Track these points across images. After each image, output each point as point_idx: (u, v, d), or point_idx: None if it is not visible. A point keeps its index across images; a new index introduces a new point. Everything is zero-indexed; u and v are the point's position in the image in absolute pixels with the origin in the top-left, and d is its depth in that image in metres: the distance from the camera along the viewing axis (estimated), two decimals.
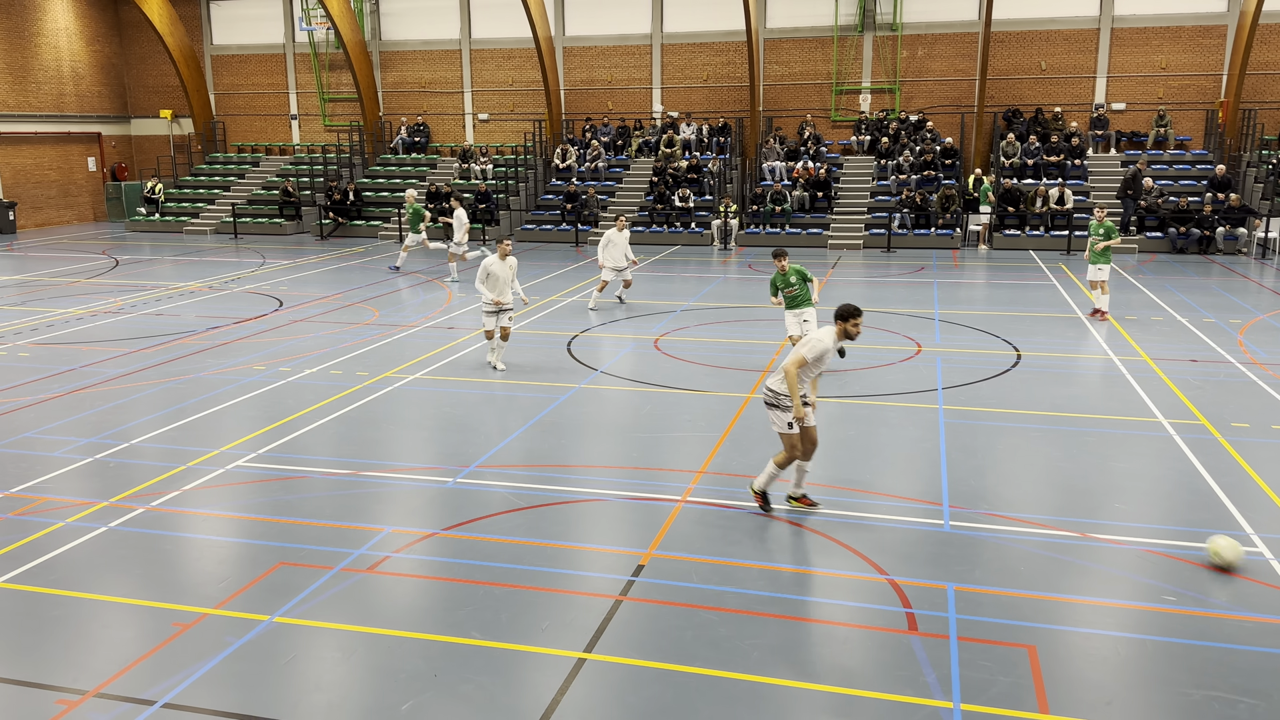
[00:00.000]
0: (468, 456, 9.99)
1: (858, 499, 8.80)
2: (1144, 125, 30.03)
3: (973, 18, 30.63)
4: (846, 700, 5.75)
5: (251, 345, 15.33)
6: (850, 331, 7.87)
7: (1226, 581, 7.11)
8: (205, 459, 9.93)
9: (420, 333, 16.19)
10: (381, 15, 35.71)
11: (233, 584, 7.19)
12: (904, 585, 7.12)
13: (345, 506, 8.69)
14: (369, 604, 6.92)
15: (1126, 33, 29.80)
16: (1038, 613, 6.67)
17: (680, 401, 12.04)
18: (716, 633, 6.44)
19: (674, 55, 33.32)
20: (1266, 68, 28.85)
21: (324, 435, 10.77)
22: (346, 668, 6.12)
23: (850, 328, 7.86)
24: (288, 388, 12.73)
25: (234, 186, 35.20)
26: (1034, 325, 16.47)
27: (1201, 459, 9.71)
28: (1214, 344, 14.83)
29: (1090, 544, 7.81)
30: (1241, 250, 25.43)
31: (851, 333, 7.87)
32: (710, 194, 30.06)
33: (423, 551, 7.77)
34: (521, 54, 34.40)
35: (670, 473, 9.57)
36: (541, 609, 6.78)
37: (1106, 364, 13.71)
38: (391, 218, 31.34)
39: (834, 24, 31.69)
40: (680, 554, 7.64)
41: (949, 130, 31.01)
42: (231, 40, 37.55)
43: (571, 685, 5.87)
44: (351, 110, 36.44)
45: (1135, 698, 5.72)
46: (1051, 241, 26.46)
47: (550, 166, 33.32)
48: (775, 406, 8.04)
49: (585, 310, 18.13)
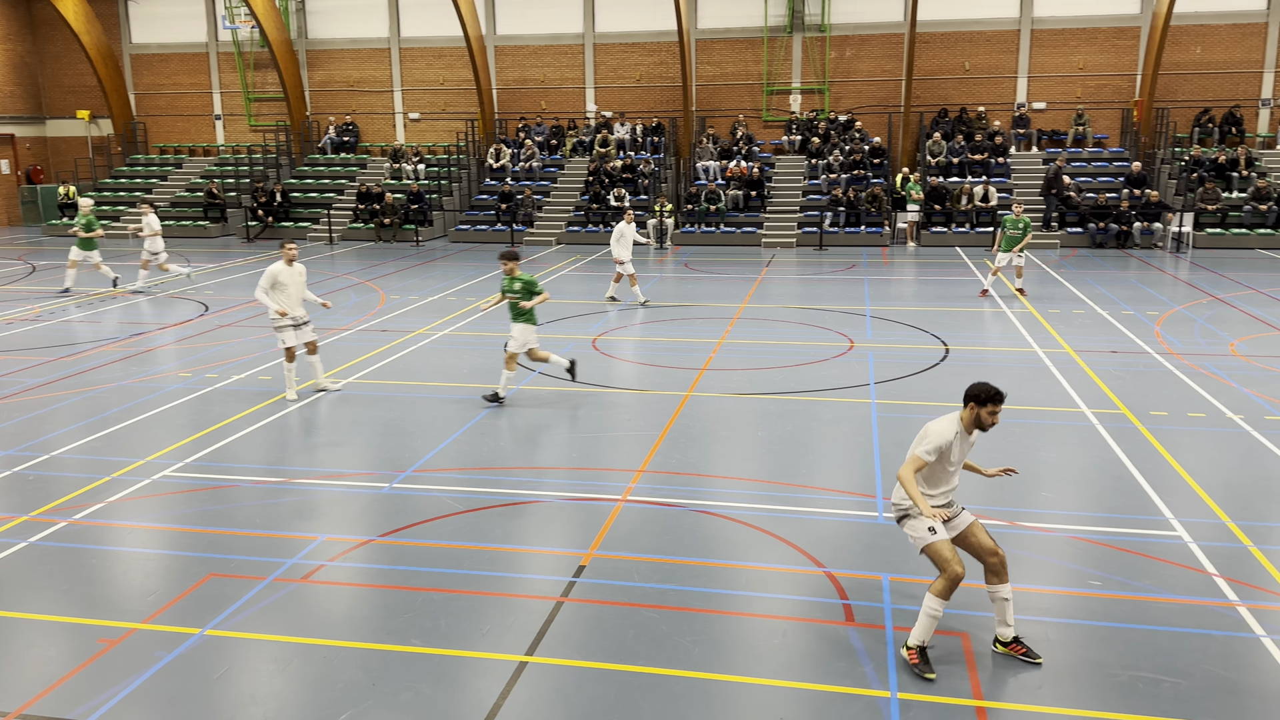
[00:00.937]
0: (404, 461, 9.87)
1: (794, 493, 8.91)
2: (1063, 124, 30.89)
3: (898, 19, 31.18)
4: (786, 693, 5.82)
5: (176, 352, 14.95)
6: (984, 420, 5.96)
7: (1149, 566, 7.36)
8: (130, 470, 9.66)
9: (353, 336, 15.94)
10: (308, 13, 35.08)
11: (161, 597, 7.01)
12: (840, 577, 7.22)
13: (277, 515, 8.53)
14: (304, 614, 6.80)
15: (1046, 34, 30.62)
16: (970, 601, 6.82)
17: (619, 401, 12.05)
18: (658, 630, 6.47)
19: (606, 55, 33.33)
20: (1178, 68, 29.89)
21: (254, 443, 10.55)
22: (282, 679, 6.00)
23: (986, 415, 5.95)
24: (215, 394, 12.44)
25: (156, 189, 34.26)
26: (961, 320, 16.84)
27: (1123, 447, 10.03)
28: (1133, 335, 15.32)
29: (1019, 532, 8.01)
30: (1157, 244, 26.31)
31: (985, 422, 5.96)
32: (645, 193, 30.13)
33: (359, 559, 7.66)
34: (452, 53, 34.09)
35: (610, 472, 9.58)
36: (482, 613, 6.74)
37: (1031, 356, 14.08)
38: (321, 219, 30.82)
39: (764, 25, 32.00)
40: (621, 553, 7.65)
41: (877, 130, 31.52)
42: (151, 39, 36.53)
43: (513, 689, 5.84)
44: (278, 110, 35.73)
45: (1065, 681, 5.89)
46: (977, 238, 27.07)
47: (484, 166, 33.08)
48: (906, 518, 6.13)
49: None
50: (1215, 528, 8.00)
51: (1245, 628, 6.43)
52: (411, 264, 24.76)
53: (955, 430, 5.97)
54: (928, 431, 6.00)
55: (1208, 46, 29.82)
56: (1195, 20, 29.46)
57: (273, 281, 11.90)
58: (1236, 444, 10.07)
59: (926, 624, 5.91)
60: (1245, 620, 6.52)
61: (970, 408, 5.97)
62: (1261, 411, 11.14)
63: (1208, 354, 14.05)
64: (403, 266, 24.24)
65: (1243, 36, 29.57)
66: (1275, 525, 8.10)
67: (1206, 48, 29.83)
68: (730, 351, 14.71)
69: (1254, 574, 7.19)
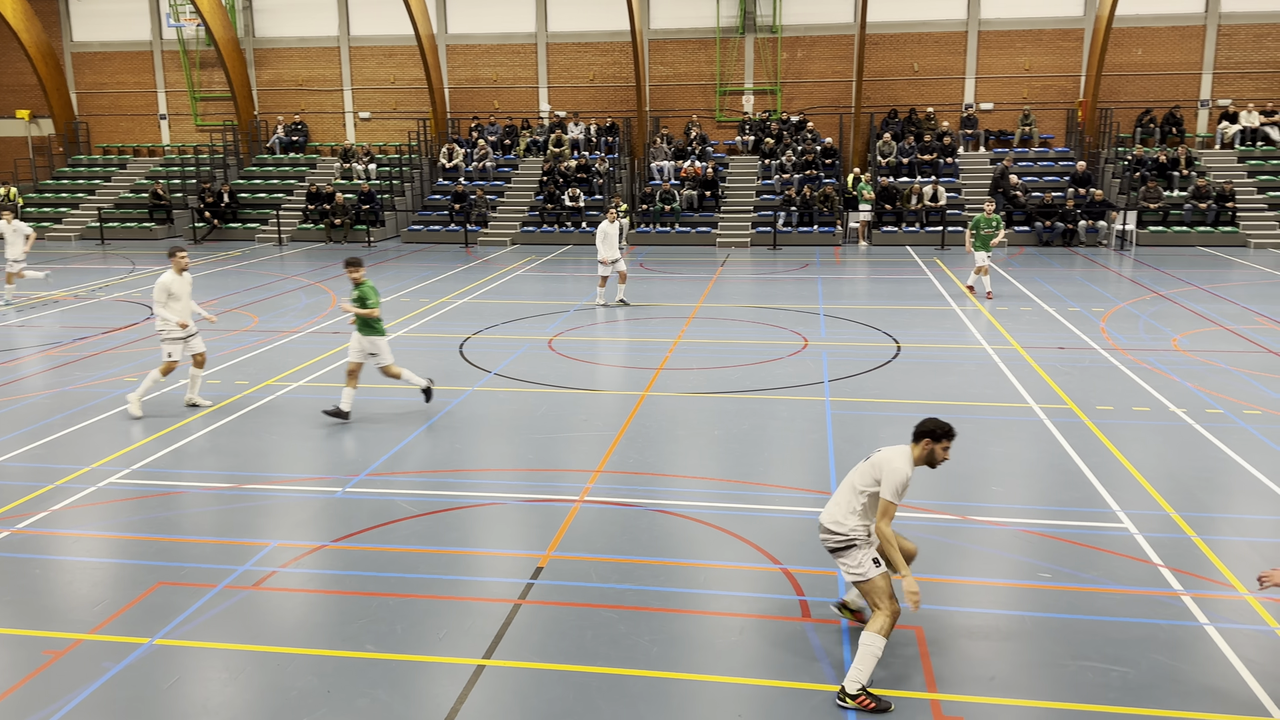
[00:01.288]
0: (357, 465, 9.76)
1: (751, 491, 8.96)
2: (1010, 124, 31.42)
3: (849, 20, 31.49)
4: (744, 690, 5.85)
5: (122, 356, 14.64)
6: (937, 457, 5.84)
7: (1096, 558, 7.51)
8: (75, 477, 9.44)
9: (303, 338, 15.73)
10: (255, 11, 34.55)
11: (109, 607, 6.86)
12: (797, 574, 7.28)
13: (227, 521, 8.39)
14: (256, 621, 6.69)
15: (992, 35, 31.12)
16: (923, 594, 6.91)
17: (576, 401, 12.03)
18: (616, 630, 6.47)
19: (560, 54, 33.25)
20: (1121, 69, 30.55)
21: (202, 448, 10.37)
22: (234, 689, 5.91)
23: (940, 451, 5.82)
24: (162, 399, 12.21)
25: (100, 190, 33.52)
26: (912, 318, 17.05)
27: (1070, 441, 10.23)
28: (1079, 332, 15.63)
29: (970, 526, 8.13)
30: (1102, 242, 26.87)
31: (938, 458, 5.84)
32: (600, 193, 30.11)
33: (312, 565, 7.56)
34: (403, 51, 33.78)
35: (567, 473, 9.56)
36: (438, 617, 6.69)
37: (980, 353, 14.30)
38: (270, 219, 30.36)
39: (716, 26, 32.13)
40: (579, 554, 7.64)
41: (829, 130, 31.81)
42: (94, 37, 35.73)
43: (471, 693, 5.81)
44: (225, 109, 35.14)
45: (1016, 671, 5.99)
46: (926, 237, 27.43)
47: (436, 166, 32.83)
48: (850, 548, 5.85)
49: (478, 312, 17.92)
50: (1160, 519, 8.19)
51: (1189, 616, 6.59)
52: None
53: (911, 468, 5.78)
54: (889, 469, 5.72)
55: (1149, 48, 30.52)
56: (1136, 23, 30.13)
57: (168, 293, 11.33)
58: (1179, 437, 10.32)
59: (870, 663, 5.61)
60: (1189, 609, 6.69)
61: (925, 443, 5.80)
62: (1203, 405, 11.43)
63: (1151, 349, 14.38)
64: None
65: (1182, 39, 30.31)
66: (1217, 516, 8.31)
67: (1148, 50, 30.53)
68: (686, 351, 14.75)
69: (1197, 564, 7.37)
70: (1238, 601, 6.77)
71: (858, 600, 6.16)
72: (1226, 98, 30.38)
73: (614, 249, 18.19)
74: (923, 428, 5.84)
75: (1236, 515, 8.39)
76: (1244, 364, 13.34)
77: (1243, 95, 30.27)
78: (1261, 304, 17.79)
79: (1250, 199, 27.56)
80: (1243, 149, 29.31)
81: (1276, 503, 8.57)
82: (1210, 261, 23.64)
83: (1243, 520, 8.27)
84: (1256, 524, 8.18)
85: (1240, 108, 29.92)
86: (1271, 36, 29.88)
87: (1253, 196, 27.65)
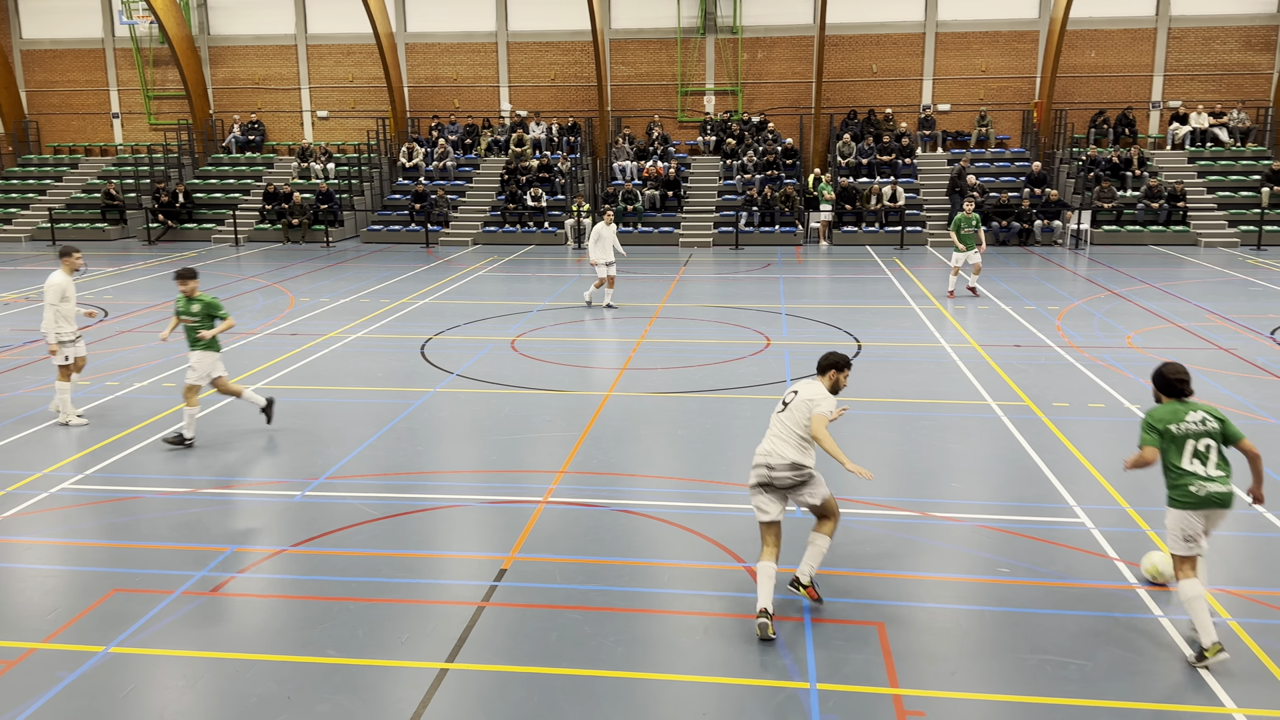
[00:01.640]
0: (317, 468, 9.65)
1: (714, 490, 8.98)
2: (967, 125, 31.80)
3: (808, 21, 31.69)
4: (708, 688, 5.86)
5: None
6: (841, 384, 6.84)
7: (1054, 552, 7.62)
8: (26, 483, 9.24)
9: (261, 340, 15.53)
10: (210, 9, 34.04)
11: (62, 615, 6.72)
12: None
13: (184, 527, 8.25)
14: (214, 628, 6.59)
15: (950, 37, 31.48)
16: (885, 591, 6.98)
17: (539, 402, 11.99)
18: (581, 632, 6.45)
19: (520, 54, 33.12)
20: (1075, 71, 31.05)
21: (158, 452, 10.19)
22: (192, 696, 5.81)
23: (844, 379, 6.85)
24: (116, 403, 11.99)
25: (50, 190, 32.84)
26: (872, 316, 17.20)
27: (1027, 438, 10.37)
28: (1035, 330, 15.86)
29: (930, 522, 8.22)
30: (1057, 241, 27.29)
31: (841, 385, 6.84)
32: (562, 193, 30.05)
33: (271, 570, 7.47)
34: (362, 50, 33.47)
35: (531, 474, 9.52)
36: (401, 621, 6.63)
37: (939, 351, 14.46)
38: (226, 220, 29.94)
39: (677, 26, 32.19)
40: (543, 555, 7.61)
41: (789, 131, 32.00)
42: (44, 34, 35.00)
43: (434, 697, 5.76)
44: (179, 108, 34.59)
45: (976, 666, 6.06)
46: (886, 237, 27.68)
47: (396, 166, 32.56)
48: (804, 484, 6.60)
49: (440, 313, 17.80)
50: (1115, 514, 8.33)
51: (1145, 609, 6.71)
52: (322, 265, 24.24)
53: (825, 392, 6.77)
54: (818, 399, 6.65)
55: (1102, 51, 31.05)
56: (1090, 25, 30.65)
57: (62, 294, 10.87)
58: (1134, 433, 10.44)
59: (819, 559, 6.74)
60: (1144, 602, 6.81)
61: (831, 374, 6.84)
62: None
63: (1106, 346, 14.62)
64: (313, 268, 23.72)
65: (1134, 41, 30.88)
66: None
67: (1101, 52, 31.06)
68: (650, 351, 14.76)
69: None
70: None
71: (810, 572, 6.74)
72: (1177, 99, 31.00)
73: (608, 251, 17.84)
74: (828, 361, 6.91)
75: None
76: (1195, 360, 13.61)
77: (1192, 97, 30.91)
78: (1212, 301, 18.17)
79: (1200, 199, 28.15)
80: (1193, 150, 29.92)
81: None
82: (1162, 260, 24.11)
83: None
84: None
85: (1190, 109, 30.54)
86: (1219, 39, 30.54)
87: (1203, 196, 28.24)
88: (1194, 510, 6.07)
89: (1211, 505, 6.06)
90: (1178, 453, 6.12)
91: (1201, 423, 6.12)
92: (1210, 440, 6.12)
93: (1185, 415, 6.14)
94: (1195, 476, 6.08)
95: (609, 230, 17.94)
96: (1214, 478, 6.07)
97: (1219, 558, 7.42)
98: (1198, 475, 6.08)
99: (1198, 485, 6.06)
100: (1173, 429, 6.12)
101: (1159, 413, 6.22)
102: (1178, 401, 6.25)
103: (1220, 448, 6.15)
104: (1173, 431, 6.12)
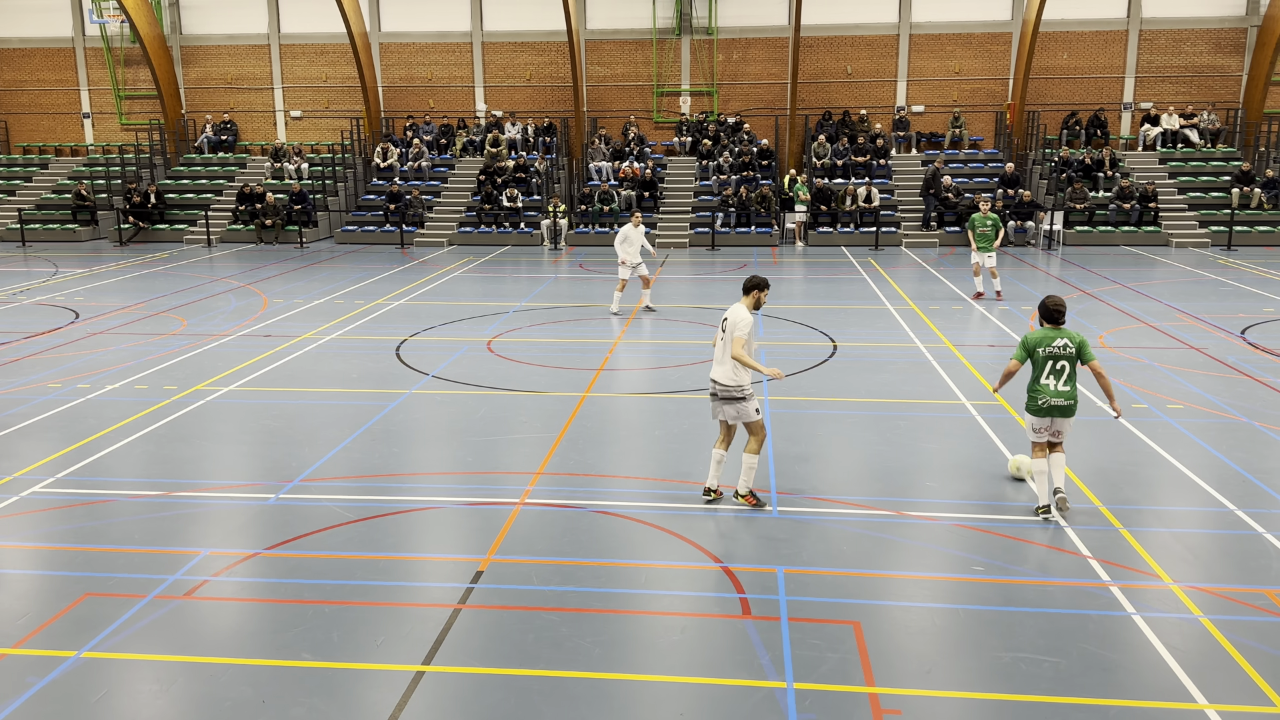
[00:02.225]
0: (291, 471, 9.58)
1: (691, 491, 8.98)
2: (941, 126, 32.04)
3: (783, 22, 31.81)
4: (686, 689, 5.87)
5: (45, 361, 14.17)
6: (762, 302, 8.25)
7: (1028, 550, 7.69)
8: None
9: (234, 342, 15.40)
10: (182, 8, 33.73)
11: (33, 619, 6.63)
12: (737, 571, 7.33)
13: (157, 530, 8.17)
14: (187, 632, 6.53)
15: (923, 39, 31.69)
16: (861, 590, 7.01)
17: (515, 403, 11.96)
18: (558, 633, 6.44)
19: (496, 54, 33.04)
20: (1047, 72, 31.34)
21: (130, 455, 10.08)
22: (166, 700, 5.75)
23: (764, 297, 8.26)
24: (87, 405, 11.85)
25: (20, 190, 32.43)
26: (848, 317, 17.28)
27: (1001, 437, 10.45)
28: (1009, 330, 15.98)
29: (906, 521, 8.27)
30: (1030, 242, 27.53)
31: (762, 303, 8.28)
32: (538, 194, 29.99)
33: (244, 573, 7.40)
34: (335, 49, 33.28)
35: (508, 475, 9.49)
36: (376, 624, 6.59)
37: (913, 351, 14.54)
38: (198, 220, 29.66)
39: (652, 27, 32.21)
40: (520, 557, 7.59)
41: (765, 132, 32.10)
42: (12, 33, 34.56)
43: (410, 700, 5.73)
44: (151, 108, 34.25)
45: (952, 664, 6.10)
46: (861, 238, 27.82)
47: (370, 166, 32.39)
48: (735, 399, 8.14)
49: (415, 314, 17.72)
50: (1088, 512, 8.41)
51: (1118, 607, 6.78)
52: (295, 266, 24.06)
53: (750, 314, 8.12)
54: (735, 319, 8.03)
55: (1074, 52, 31.37)
56: (1062, 27, 30.95)
57: None
58: (1106, 431, 10.60)
59: (752, 474, 8.39)
60: (1118, 599, 6.88)
61: (754, 294, 8.21)
62: (1129, 400, 11.76)
63: None
64: (286, 269, 23.54)
65: (1105, 43, 31.21)
66: (1144, 508, 8.57)
67: (1073, 54, 31.37)
68: (626, 351, 14.76)
69: (1124, 555, 7.58)
70: (1164, 591, 6.99)
71: (746, 486, 8.38)
72: (1148, 101, 31.36)
73: (635, 252, 17.61)
74: (750, 283, 8.23)
75: (1161, 507, 8.66)
76: (1167, 360, 13.77)
77: (1163, 99, 31.28)
78: (1183, 301, 18.39)
79: (1171, 199, 28.49)
80: (1164, 151, 30.29)
81: (1199, 494, 8.86)
82: (1134, 260, 24.37)
83: (1167, 512, 8.53)
84: (1180, 515, 8.45)
85: (1161, 110, 30.90)
86: (1189, 42, 30.92)
87: (1174, 197, 28.58)
88: (1040, 416, 8.02)
89: (1054, 414, 7.98)
90: (1039, 369, 7.93)
91: (1063, 348, 7.85)
92: (1066, 362, 7.86)
93: (1054, 340, 7.88)
94: (1045, 390, 7.93)
95: (636, 232, 17.76)
96: (1060, 393, 7.90)
97: (1190, 554, 7.52)
98: (1048, 390, 7.92)
99: (1044, 399, 7.96)
100: (1039, 351, 7.90)
101: (1034, 336, 7.95)
102: (1052, 328, 7.94)
103: (1073, 370, 7.88)
104: (1039, 353, 7.91)
